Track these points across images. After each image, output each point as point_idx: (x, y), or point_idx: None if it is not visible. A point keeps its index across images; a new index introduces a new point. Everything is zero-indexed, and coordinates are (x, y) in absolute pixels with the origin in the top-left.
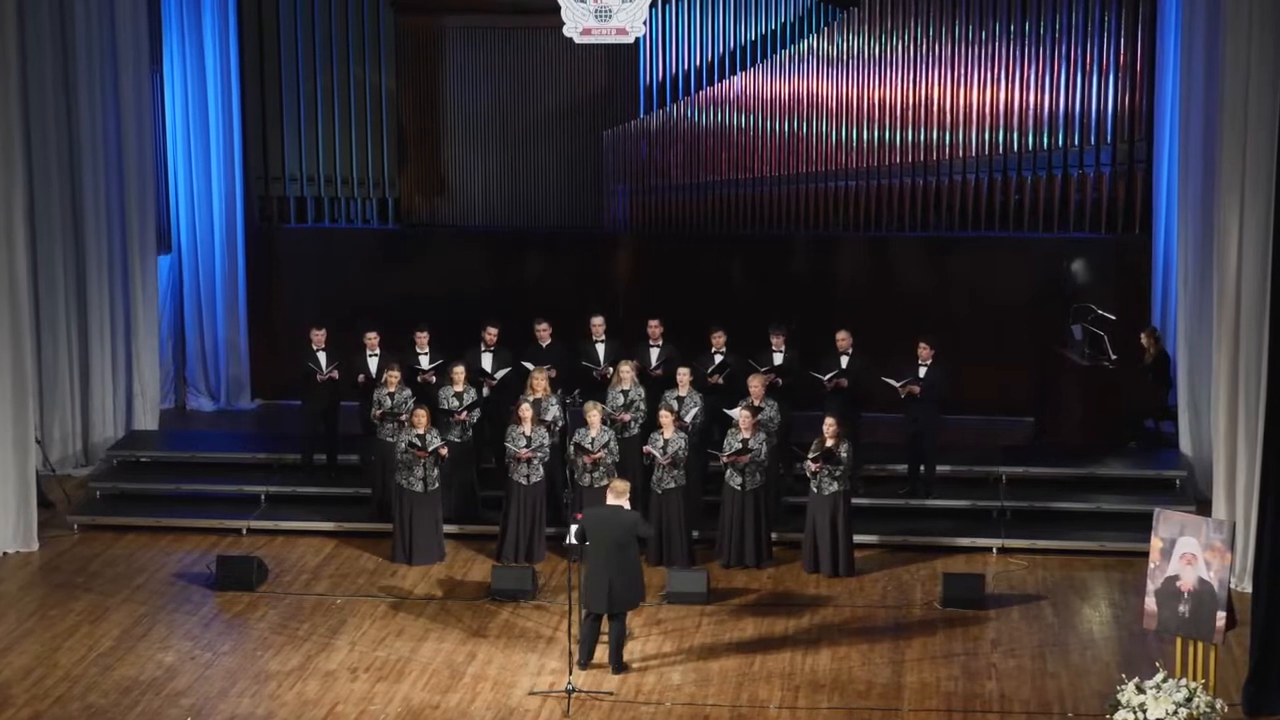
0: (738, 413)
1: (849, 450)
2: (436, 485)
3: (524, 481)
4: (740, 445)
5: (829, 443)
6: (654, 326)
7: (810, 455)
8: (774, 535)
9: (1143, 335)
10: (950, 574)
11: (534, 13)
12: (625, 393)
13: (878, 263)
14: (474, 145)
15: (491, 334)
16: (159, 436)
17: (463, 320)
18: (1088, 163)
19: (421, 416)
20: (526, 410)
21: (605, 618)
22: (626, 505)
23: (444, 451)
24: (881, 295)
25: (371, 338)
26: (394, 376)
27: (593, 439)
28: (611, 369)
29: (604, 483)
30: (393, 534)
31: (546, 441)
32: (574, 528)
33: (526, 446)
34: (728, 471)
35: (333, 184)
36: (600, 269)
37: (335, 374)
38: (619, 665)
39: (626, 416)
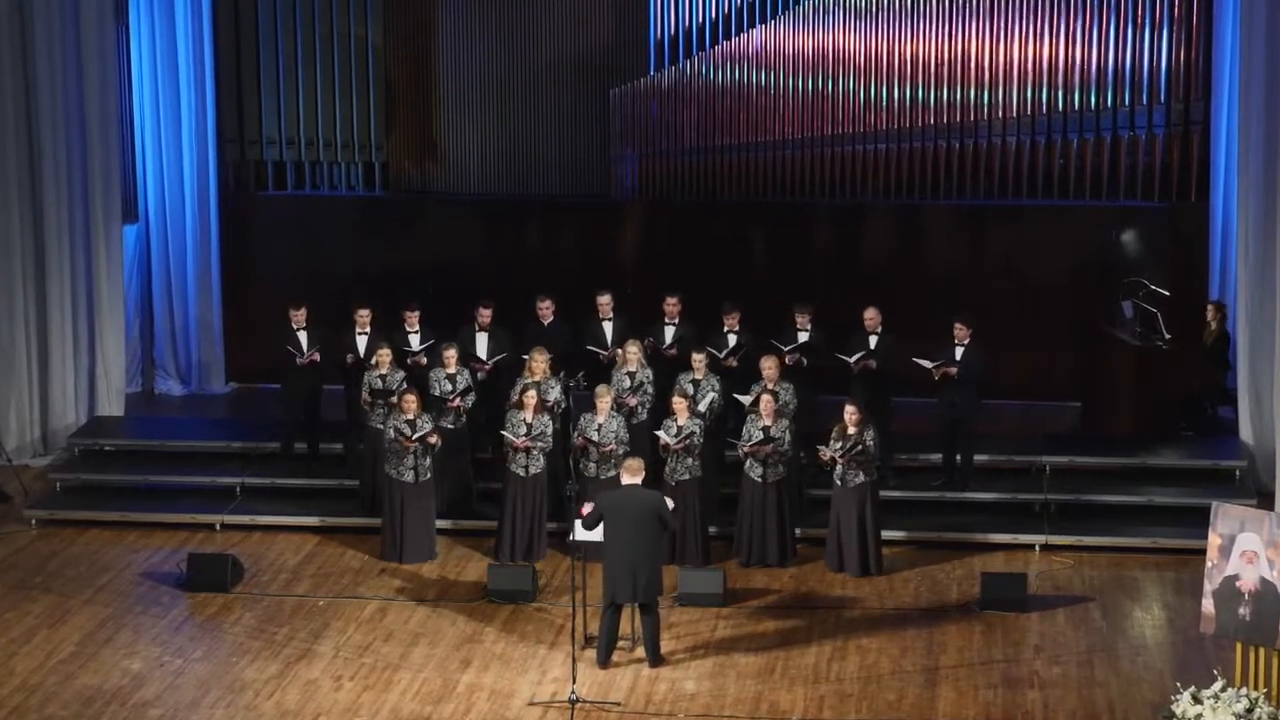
0: (752, 398)
1: (874, 438)
2: (429, 476)
3: (522, 473)
4: (761, 434)
5: (851, 430)
6: (671, 304)
7: (831, 445)
8: (798, 531)
9: (1210, 308)
10: (989, 573)
11: None
12: (631, 374)
13: (909, 233)
14: (469, 105)
15: (485, 315)
16: (125, 423)
17: (456, 296)
18: (1139, 124)
19: (411, 401)
20: (531, 396)
21: (627, 610)
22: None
23: (433, 439)
24: (913, 269)
25: (363, 315)
26: (385, 356)
27: (599, 426)
28: (620, 351)
29: (611, 474)
30: (382, 529)
31: (549, 430)
32: (578, 522)
33: (526, 434)
34: (747, 462)
35: (314, 147)
36: (606, 240)
37: (317, 357)
38: (656, 658)
39: (633, 400)
